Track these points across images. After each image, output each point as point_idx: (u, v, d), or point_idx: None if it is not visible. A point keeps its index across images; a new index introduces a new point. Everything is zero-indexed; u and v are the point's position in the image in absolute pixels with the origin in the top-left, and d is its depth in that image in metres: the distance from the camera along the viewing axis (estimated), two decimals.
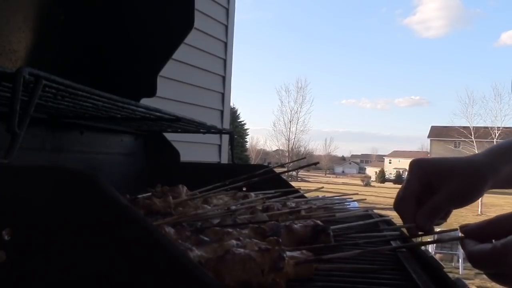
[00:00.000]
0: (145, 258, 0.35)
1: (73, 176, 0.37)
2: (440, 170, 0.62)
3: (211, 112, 3.28)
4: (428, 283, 0.54)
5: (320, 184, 1.79)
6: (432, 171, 0.62)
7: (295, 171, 29.53)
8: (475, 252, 0.52)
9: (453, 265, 7.47)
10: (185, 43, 1.67)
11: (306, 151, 41.32)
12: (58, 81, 0.70)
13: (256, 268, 0.49)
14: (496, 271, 0.51)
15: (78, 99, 0.85)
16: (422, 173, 0.63)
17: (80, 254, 0.36)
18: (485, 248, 0.50)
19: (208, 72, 3.21)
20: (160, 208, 1.03)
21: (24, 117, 0.60)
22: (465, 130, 26.49)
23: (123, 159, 1.48)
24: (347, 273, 0.58)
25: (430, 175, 0.62)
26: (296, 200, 1.10)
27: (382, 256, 0.70)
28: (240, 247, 0.55)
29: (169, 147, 1.57)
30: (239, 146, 27.24)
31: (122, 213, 0.36)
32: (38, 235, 0.37)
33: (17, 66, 0.91)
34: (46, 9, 1.24)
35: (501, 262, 0.49)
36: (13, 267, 0.37)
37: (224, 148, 3.42)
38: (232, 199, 1.10)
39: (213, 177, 1.17)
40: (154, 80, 1.44)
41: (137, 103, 1.01)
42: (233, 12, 3.49)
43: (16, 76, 0.59)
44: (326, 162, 52.14)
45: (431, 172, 0.62)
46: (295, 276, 0.55)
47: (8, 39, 1.11)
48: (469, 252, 0.52)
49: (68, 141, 1.23)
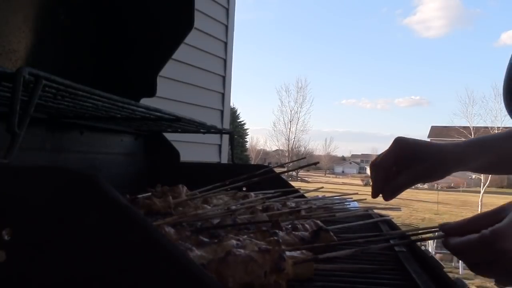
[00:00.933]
0: (145, 258, 0.35)
1: (73, 176, 0.37)
2: (413, 151, 0.73)
3: (211, 112, 3.27)
4: (428, 283, 0.54)
5: (320, 184, 1.79)
6: (407, 150, 0.73)
7: (295, 171, 29.53)
8: (461, 243, 0.53)
9: (453, 265, 7.47)
10: (185, 43, 1.67)
11: (306, 151, 41.30)
12: (58, 81, 0.70)
13: (258, 269, 0.49)
14: (484, 259, 0.52)
15: (78, 99, 0.85)
16: (399, 151, 0.73)
17: (80, 254, 0.36)
18: (472, 237, 0.52)
19: (208, 72, 3.21)
20: (160, 208, 1.03)
21: (24, 117, 0.60)
22: (465, 130, 26.48)
23: (123, 159, 1.48)
24: (347, 273, 0.58)
25: (405, 153, 0.73)
26: (296, 200, 1.10)
27: (382, 256, 0.70)
28: (240, 247, 0.55)
29: (169, 147, 1.57)
30: (239, 146, 27.25)
31: (122, 213, 0.36)
32: (38, 235, 0.37)
33: (17, 66, 0.91)
34: (46, 9, 1.25)
35: (490, 249, 0.50)
36: (13, 267, 0.37)
37: (224, 148, 3.42)
38: (232, 199, 1.10)
39: (213, 177, 1.17)
40: (154, 80, 1.44)
41: (137, 103, 1.01)
42: (233, 12, 3.49)
43: (16, 76, 0.59)
44: (326, 162, 52.14)
45: (406, 151, 0.73)
46: (295, 276, 0.55)
47: (8, 39, 1.11)
48: (454, 244, 0.54)
49: (68, 141, 1.23)
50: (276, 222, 0.74)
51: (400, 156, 0.73)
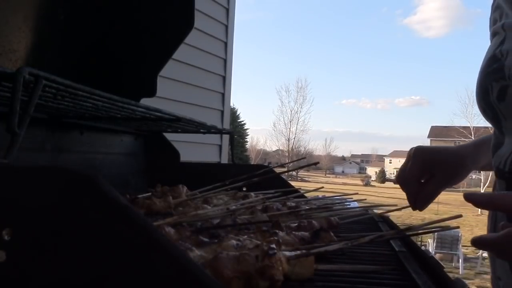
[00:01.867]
0: (145, 258, 0.35)
1: (73, 176, 0.37)
2: (435, 160, 0.79)
3: (211, 112, 3.27)
4: (428, 283, 0.54)
5: (320, 184, 1.79)
6: (429, 161, 0.79)
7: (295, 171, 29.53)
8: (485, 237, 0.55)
9: (453, 265, 7.46)
10: (185, 43, 1.67)
11: (306, 151, 41.30)
12: (58, 81, 0.70)
13: (250, 258, 0.49)
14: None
15: (78, 99, 0.85)
16: (421, 162, 0.78)
17: (80, 254, 0.36)
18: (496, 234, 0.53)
19: (208, 72, 3.21)
20: (160, 208, 1.03)
21: (24, 117, 0.60)
22: (465, 130, 26.48)
23: (123, 159, 1.48)
24: (347, 273, 0.58)
25: (428, 163, 0.79)
26: (296, 200, 1.10)
27: (382, 256, 0.70)
28: (240, 247, 0.55)
29: (169, 147, 1.57)
30: (239, 146, 27.23)
31: (122, 213, 0.36)
32: (38, 235, 0.37)
33: (17, 66, 0.91)
34: (46, 9, 1.24)
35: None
36: (13, 267, 0.37)
37: (224, 148, 3.41)
38: (232, 199, 1.10)
39: (213, 177, 1.17)
40: (154, 80, 1.44)
41: (137, 103, 1.01)
42: (233, 12, 3.49)
43: (16, 76, 0.59)
44: (326, 162, 52.13)
45: (428, 161, 0.79)
46: (295, 276, 0.55)
47: (8, 39, 1.11)
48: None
49: (68, 141, 1.23)
50: (276, 222, 0.74)
51: (424, 167, 0.78)
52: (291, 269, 0.54)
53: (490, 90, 0.67)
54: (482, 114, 0.72)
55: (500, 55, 0.67)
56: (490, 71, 0.68)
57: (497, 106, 0.66)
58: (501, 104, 0.65)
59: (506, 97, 0.64)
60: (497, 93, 0.66)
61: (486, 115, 0.70)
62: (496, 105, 0.66)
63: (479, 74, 0.71)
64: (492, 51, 0.70)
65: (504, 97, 0.65)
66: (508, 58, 0.65)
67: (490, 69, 0.68)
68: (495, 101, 0.66)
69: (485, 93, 0.68)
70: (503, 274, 0.69)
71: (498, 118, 0.67)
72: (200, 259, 0.52)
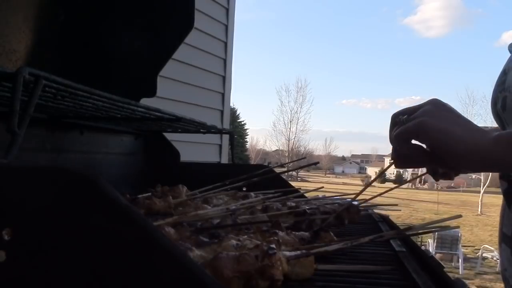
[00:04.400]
0: (145, 259, 0.35)
1: (73, 176, 0.37)
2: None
3: (211, 112, 3.27)
4: (428, 283, 0.54)
5: (320, 184, 1.79)
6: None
7: (295, 171, 29.52)
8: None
9: (453, 265, 7.46)
10: (185, 43, 1.67)
11: (306, 151, 41.26)
12: (58, 81, 0.70)
13: (250, 258, 0.49)
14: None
15: (78, 99, 0.85)
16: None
17: (80, 254, 0.36)
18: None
19: (208, 72, 3.21)
20: (160, 208, 1.03)
21: (24, 117, 0.60)
22: None
23: (123, 159, 1.48)
24: (347, 273, 0.58)
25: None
26: (296, 200, 1.10)
27: (382, 256, 0.70)
28: (240, 247, 0.55)
29: (169, 147, 1.57)
30: (239, 146, 27.22)
31: (123, 213, 0.36)
32: (38, 235, 0.37)
33: (17, 66, 0.91)
34: (46, 9, 1.25)
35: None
36: (13, 267, 0.37)
37: (224, 148, 3.41)
38: (232, 199, 1.10)
39: (213, 177, 1.17)
40: (154, 80, 1.44)
41: (137, 103, 1.01)
42: (233, 12, 3.49)
43: (16, 76, 0.59)
44: (326, 162, 52.09)
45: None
46: (295, 276, 0.55)
47: (8, 39, 1.11)
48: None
49: (68, 141, 1.23)
50: (276, 222, 0.74)
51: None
52: (291, 269, 0.55)
53: (498, 101, 0.76)
54: (496, 122, 0.80)
55: (507, 70, 0.75)
56: (498, 83, 0.77)
57: (502, 114, 0.75)
58: (505, 113, 0.74)
59: (507, 106, 0.72)
60: (501, 103, 0.74)
61: (497, 123, 0.79)
62: (501, 114, 0.75)
63: (495, 85, 0.79)
64: (504, 66, 0.78)
65: (505, 106, 0.73)
66: (510, 72, 0.74)
67: (498, 81, 0.77)
68: (500, 110, 0.75)
69: (494, 104, 0.77)
70: (508, 266, 0.74)
71: (504, 125, 0.75)
72: (200, 259, 0.52)
